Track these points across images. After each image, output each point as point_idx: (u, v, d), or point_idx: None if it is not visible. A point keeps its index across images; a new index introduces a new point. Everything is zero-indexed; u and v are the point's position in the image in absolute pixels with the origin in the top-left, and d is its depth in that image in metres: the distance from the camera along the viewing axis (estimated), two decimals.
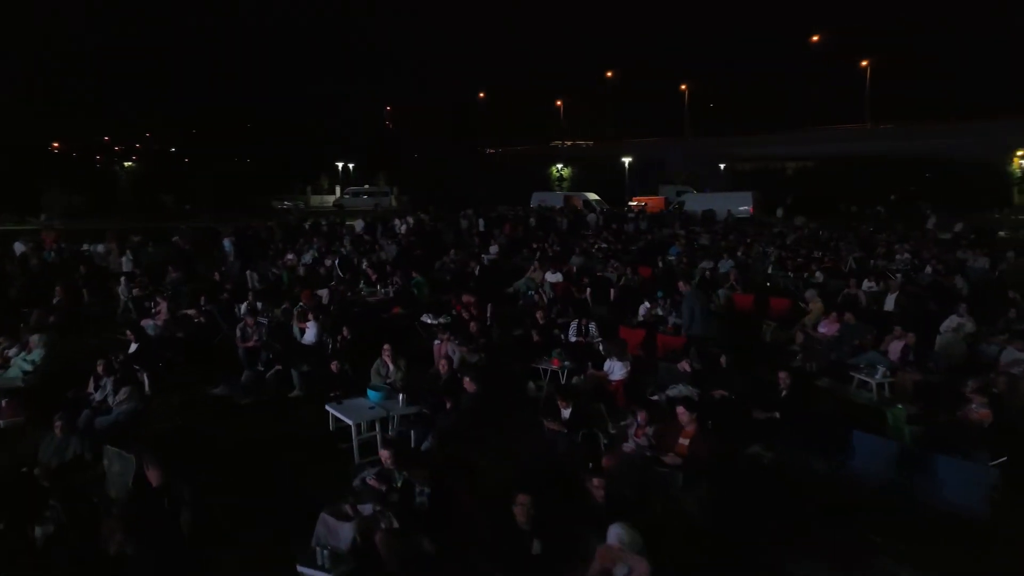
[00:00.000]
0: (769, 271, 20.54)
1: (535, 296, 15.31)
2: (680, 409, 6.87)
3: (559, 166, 63.58)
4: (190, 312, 13.09)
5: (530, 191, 48.52)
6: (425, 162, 65.26)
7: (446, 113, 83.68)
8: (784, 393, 8.42)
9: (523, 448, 7.69)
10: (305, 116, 77.50)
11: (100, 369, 8.72)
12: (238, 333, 11.47)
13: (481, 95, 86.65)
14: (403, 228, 27.59)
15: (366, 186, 57.77)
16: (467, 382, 8.34)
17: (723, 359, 9.30)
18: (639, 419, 7.42)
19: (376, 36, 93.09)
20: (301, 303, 13.72)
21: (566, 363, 10.20)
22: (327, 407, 8.49)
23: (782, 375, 8.49)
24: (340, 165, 63.71)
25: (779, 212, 35.64)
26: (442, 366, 9.38)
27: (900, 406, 8.56)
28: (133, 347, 10.60)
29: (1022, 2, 66.44)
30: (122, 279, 16.10)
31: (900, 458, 6.91)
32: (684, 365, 9.33)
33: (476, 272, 18.48)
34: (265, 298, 14.04)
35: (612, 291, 15.96)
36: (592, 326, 11.99)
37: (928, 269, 19.25)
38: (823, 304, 14.12)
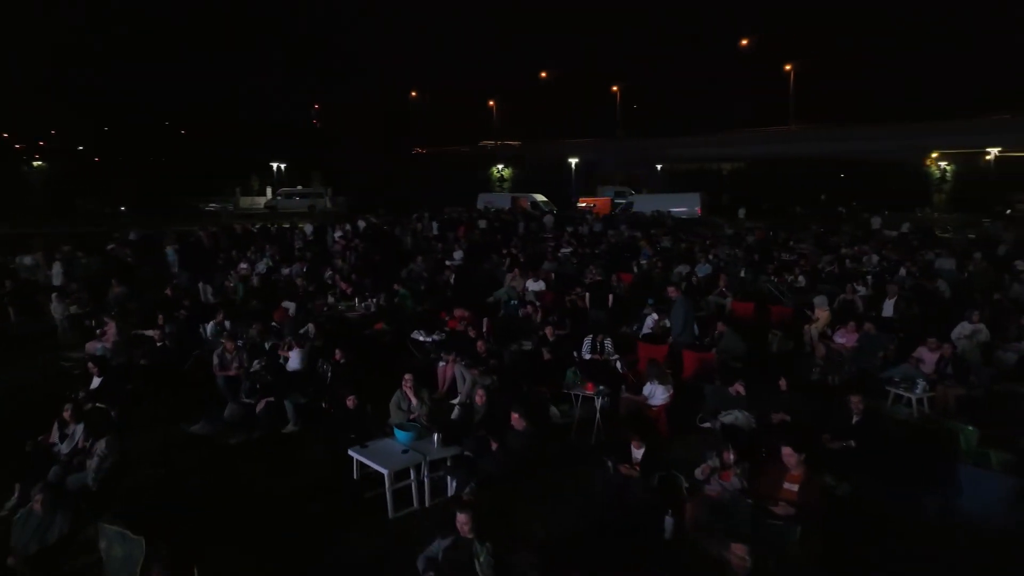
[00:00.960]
0: (742, 274, 20.12)
1: (527, 308, 14.25)
2: (787, 450, 6.00)
3: (499, 167, 62.62)
4: (150, 334, 11.47)
5: (468, 192, 47.49)
6: (360, 162, 63.08)
7: (377, 112, 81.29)
8: (856, 419, 7.69)
9: (592, 496, 6.70)
10: (230, 114, 73.68)
11: (67, 415, 7.22)
12: (215, 360, 10.01)
13: (413, 94, 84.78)
14: (338, 234, 25.47)
15: (299, 187, 55.32)
16: (516, 418, 7.27)
17: (783, 381, 8.52)
18: (725, 457, 6.53)
19: (299, 32, 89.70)
20: (274, 323, 12.36)
21: (601, 388, 9.22)
22: (350, 452, 7.25)
23: (854, 399, 7.76)
24: (275, 166, 60.94)
25: (741, 213, 35.65)
26: (479, 398, 8.21)
27: (971, 427, 7.96)
28: (95, 381, 9.03)
29: (937, 14, 69.53)
30: (53, 295, 14.18)
31: (1019, 494, 6.25)
32: (738, 387, 8.51)
33: (451, 281, 17.32)
34: (235, 316, 12.53)
35: (610, 298, 15.12)
36: (608, 342, 11.08)
37: (902, 271, 19.17)
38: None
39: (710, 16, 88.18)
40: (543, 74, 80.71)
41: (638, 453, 6.79)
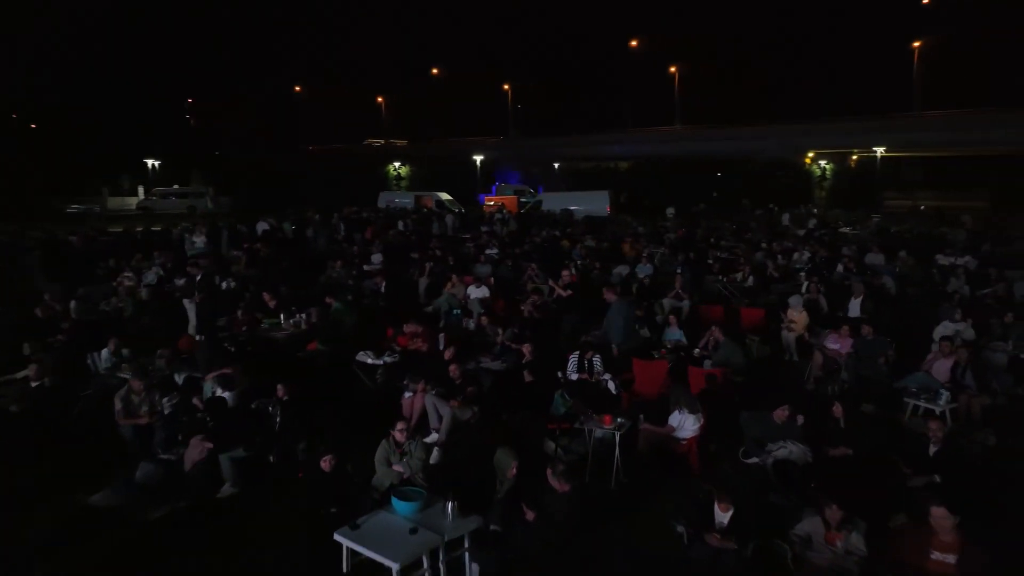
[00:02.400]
0: (678, 271, 19.22)
1: (480, 319, 12.53)
2: (940, 511, 4.69)
3: (396, 164, 60.06)
4: (24, 374, 8.89)
5: (365, 190, 45.12)
6: (243, 160, 58.71)
7: (259, 108, 76.32)
8: (935, 449, 6.56)
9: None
10: (94, 109, 66.12)
11: None
12: (118, 404, 7.70)
13: (297, 89, 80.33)
14: (200, 239, 21.17)
15: (175, 186, 50.69)
16: (553, 479, 5.60)
17: (837, 407, 7.26)
18: (829, 514, 5.17)
19: (171, 21, 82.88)
20: (183, 352, 10.05)
21: (619, 420, 7.66)
22: (338, 537, 5.34)
23: (933, 425, 6.62)
24: (149, 163, 55.51)
25: (669, 212, 35.18)
26: (512, 471, 6.21)
27: None
28: None
29: (819, 23, 73.32)
30: None
31: None
32: (782, 413, 7.20)
33: (382, 289, 15.31)
34: (131, 340, 10.10)
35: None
36: (597, 359, 9.59)
37: (840, 268, 18.83)
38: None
39: (601, 17, 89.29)
40: (434, 71, 78.78)
41: (724, 516, 5.31)
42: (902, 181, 56.06)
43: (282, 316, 11.71)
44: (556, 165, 64.26)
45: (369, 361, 10.28)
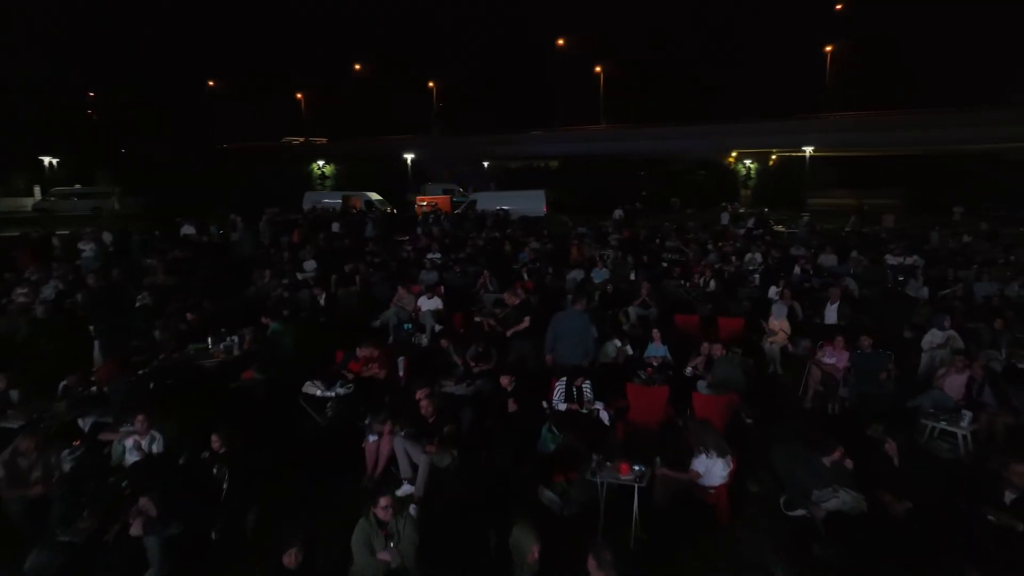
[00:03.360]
0: (632, 277, 18.28)
1: (441, 339, 11.12)
2: None
3: (321, 163, 57.37)
4: None
5: (287, 190, 42.72)
6: (154, 158, 54.82)
7: (169, 103, 71.83)
8: (1013, 497, 5.62)
9: None
10: None
11: None
12: (1, 471, 5.96)
13: (211, 83, 76.17)
14: (89, 248, 18.57)
15: (77, 186, 46.76)
16: (598, 572, 4.32)
17: (891, 445, 6.21)
18: None
19: (69, 6, 76.90)
20: (97, 382, 8.30)
21: (637, 468, 6.40)
22: None
23: (1019, 468, 5.64)
24: (47, 161, 50.99)
25: (617, 214, 34.22)
26: (532, 555, 4.80)
27: None
28: None
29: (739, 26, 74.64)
30: None
31: None
32: (837, 456, 6.08)
33: (322, 301, 13.66)
34: (23, 376, 8.21)
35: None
36: (587, 386, 8.36)
37: (797, 270, 18.30)
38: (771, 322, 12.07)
39: (529, 15, 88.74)
40: (356, 67, 76.29)
41: None
42: (817, 180, 57.50)
43: (210, 339, 9.98)
44: (485, 164, 62.99)
45: (318, 393, 8.75)
